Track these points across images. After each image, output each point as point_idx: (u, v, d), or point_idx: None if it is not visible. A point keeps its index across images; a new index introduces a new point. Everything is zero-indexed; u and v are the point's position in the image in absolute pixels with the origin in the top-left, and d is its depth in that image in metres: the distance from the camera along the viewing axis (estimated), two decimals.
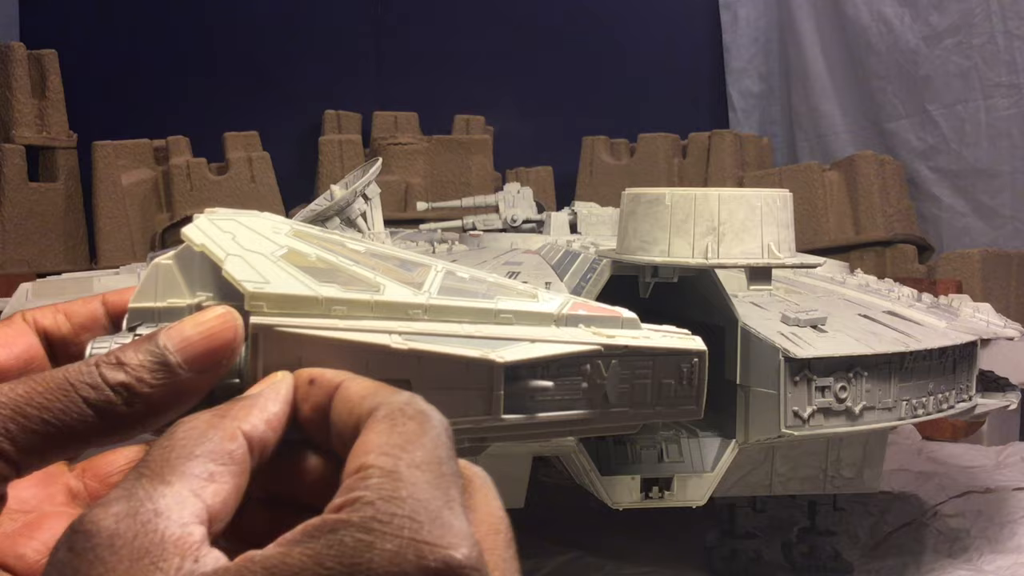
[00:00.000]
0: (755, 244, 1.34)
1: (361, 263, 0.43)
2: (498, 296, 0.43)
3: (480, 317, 0.42)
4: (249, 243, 0.42)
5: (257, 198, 3.51)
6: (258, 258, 0.41)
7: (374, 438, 0.33)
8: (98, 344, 0.39)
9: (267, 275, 0.40)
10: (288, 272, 0.40)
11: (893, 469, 2.35)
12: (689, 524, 1.94)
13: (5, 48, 3.33)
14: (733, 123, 4.01)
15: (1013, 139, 3.40)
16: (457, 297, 0.42)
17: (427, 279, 0.43)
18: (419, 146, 3.67)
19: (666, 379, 0.44)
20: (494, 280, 0.45)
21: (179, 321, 0.38)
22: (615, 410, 0.43)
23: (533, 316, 0.43)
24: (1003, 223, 3.45)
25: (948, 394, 1.58)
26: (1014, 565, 1.85)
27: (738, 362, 1.47)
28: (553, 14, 4.05)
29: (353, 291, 0.40)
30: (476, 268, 0.47)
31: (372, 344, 0.38)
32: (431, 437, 0.33)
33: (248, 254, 0.41)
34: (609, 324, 0.44)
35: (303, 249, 0.42)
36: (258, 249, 0.41)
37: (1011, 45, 3.38)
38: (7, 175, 3.23)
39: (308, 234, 0.44)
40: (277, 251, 0.42)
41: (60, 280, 2.06)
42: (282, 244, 0.42)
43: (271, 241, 0.42)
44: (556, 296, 0.45)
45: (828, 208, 3.50)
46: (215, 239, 0.41)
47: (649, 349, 0.43)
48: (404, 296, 0.41)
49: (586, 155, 3.81)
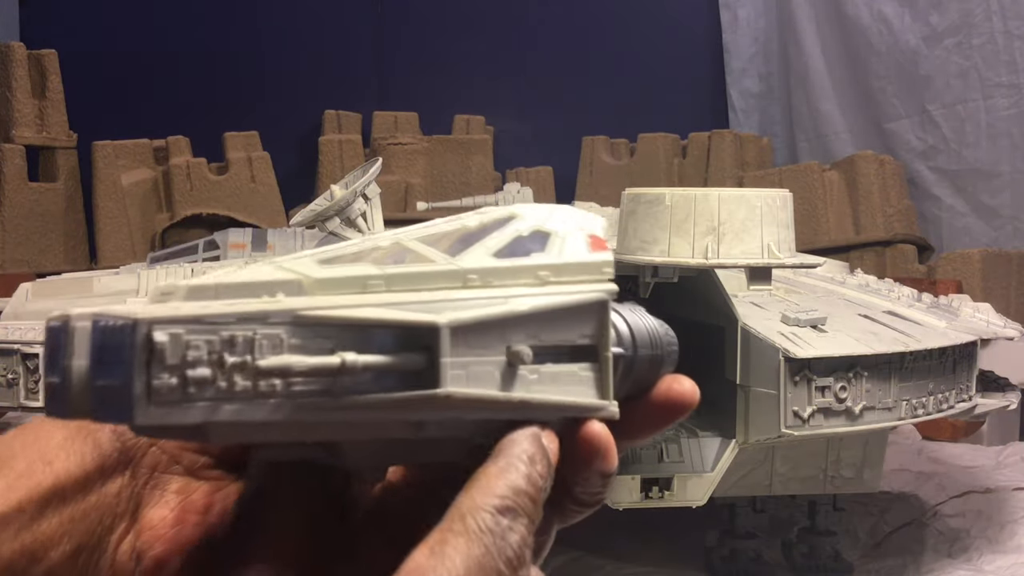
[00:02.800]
0: (755, 244, 1.34)
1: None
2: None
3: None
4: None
5: (257, 198, 3.51)
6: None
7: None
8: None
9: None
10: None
11: (893, 469, 2.35)
12: (689, 524, 1.94)
13: (5, 48, 3.33)
14: (733, 123, 4.01)
15: (1013, 139, 3.40)
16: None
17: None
18: (419, 146, 3.67)
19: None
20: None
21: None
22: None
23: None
24: (1003, 223, 3.45)
25: (948, 394, 1.58)
26: (1014, 565, 1.85)
27: (738, 362, 1.47)
28: (553, 14, 4.05)
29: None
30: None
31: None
32: None
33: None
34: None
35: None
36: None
37: (1011, 45, 3.38)
38: (7, 175, 3.23)
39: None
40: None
41: (60, 280, 2.06)
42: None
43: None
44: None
45: (828, 208, 3.50)
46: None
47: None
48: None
49: (586, 155, 3.81)
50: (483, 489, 0.33)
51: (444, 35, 4.02)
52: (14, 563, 0.36)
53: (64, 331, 0.31)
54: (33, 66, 3.36)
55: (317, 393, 0.31)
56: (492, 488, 0.33)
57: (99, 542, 0.38)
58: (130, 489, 0.39)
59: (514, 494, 0.33)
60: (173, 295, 0.33)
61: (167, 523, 0.38)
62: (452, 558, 0.31)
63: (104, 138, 3.41)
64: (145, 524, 0.38)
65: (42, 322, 1.06)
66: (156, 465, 0.39)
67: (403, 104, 3.81)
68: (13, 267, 3.17)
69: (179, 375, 0.30)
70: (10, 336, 1.69)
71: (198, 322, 0.30)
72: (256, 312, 0.31)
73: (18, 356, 1.65)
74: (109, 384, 0.30)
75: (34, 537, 0.36)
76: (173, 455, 0.39)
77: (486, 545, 0.32)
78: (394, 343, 0.33)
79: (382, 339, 0.32)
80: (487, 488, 0.33)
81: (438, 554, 0.31)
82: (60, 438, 0.38)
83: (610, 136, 3.81)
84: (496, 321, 0.34)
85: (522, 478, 0.34)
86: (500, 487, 0.33)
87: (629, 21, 4.05)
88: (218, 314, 0.30)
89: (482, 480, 0.34)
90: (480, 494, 0.33)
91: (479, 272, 0.36)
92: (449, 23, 4.03)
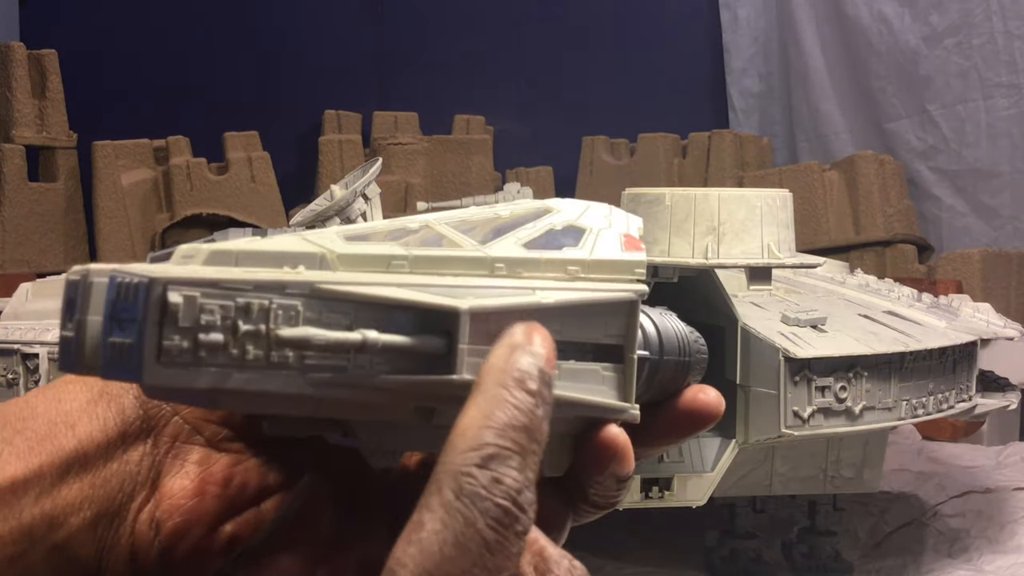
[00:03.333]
0: (755, 244, 1.34)
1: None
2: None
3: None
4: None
5: (257, 198, 3.51)
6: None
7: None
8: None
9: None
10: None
11: (893, 469, 2.35)
12: (689, 524, 1.94)
13: (5, 48, 3.33)
14: (733, 123, 4.01)
15: (1013, 139, 3.40)
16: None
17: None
18: (419, 146, 3.67)
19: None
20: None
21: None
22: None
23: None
24: (1003, 223, 3.45)
25: (948, 394, 1.58)
26: (1014, 565, 1.85)
27: (738, 362, 1.47)
28: (553, 14, 4.05)
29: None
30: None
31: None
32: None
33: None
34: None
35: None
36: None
37: (1011, 45, 3.38)
38: (7, 175, 3.23)
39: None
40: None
41: (60, 280, 2.06)
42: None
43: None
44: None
45: (828, 208, 3.50)
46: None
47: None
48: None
49: (586, 155, 3.81)
50: (457, 444, 0.29)
51: (444, 35, 4.02)
52: (34, 528, 0.35)
53: (82, 285, 0.31)
54: (33, 66, 3.36)
55: (331, 369, 0.31)
56: (468, 438, 0.29)
57: (119, 510, 0.37)
58: (151, 458, 0.38)
59: (496, 436, 0.29)
60: (194, 258, 0.32)
61: (187, 493, 0.38)
62: (429, 544, 0.28)
63: (104, 138, 3.40)
64: (165, 493, 0.38)
65: (42, 322, 1.07)
66: (177, 435, 0.39)
67: (403, 104, 3.81)
68: (13, 267, 3.17)
69: (191, 338, 0.29)
70: (10, 336, 1.69)
71: (214, 286, 0.30)
72: (274, 282, 0.30)
73: (18, 356, 1.65)
74: (121, 341, 0.29)
75: (54, 502, 0.36)
76: (195, 426, 0.39)
77: (464, 515, 0.28)
78: (412, 325, 0.32)
79: (401, 320, 0.32)
80: (462, 440, 0.29)
81: (414, 542, 0.28)
82: (83, 401, 0.38)
83: (610, 136, 3.81)
84: (519, 311, 0.33)
85: (507, 409, 0.29)
86: (477, 434, 0.29)
87: (629, 21, 4.05)
88: (236, 280, 0.30)
89: (457, 431, 0.29)
90: (454, 452, 0.29)
91: (507, 262, 0.35)
92: (449, 23, 4.03)
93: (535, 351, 0.30)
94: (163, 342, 0.29)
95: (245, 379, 0.30)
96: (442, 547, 0.27)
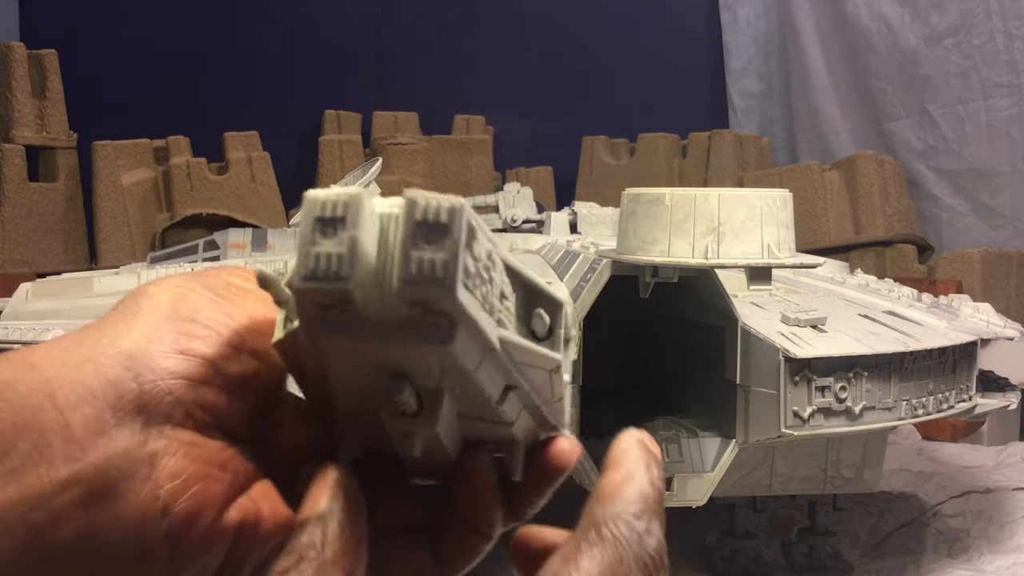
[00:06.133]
0: (755, 244, 1.34)
1: None
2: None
3: None
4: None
5: (257, 198, 3.51)
6: None
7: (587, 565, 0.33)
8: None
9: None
10: None
11: (893, 469, 2.35)
12: (689, 524, 1.94)
13: (5, 48, 3.33)
14: (733, 123, 4.01)
15: (1013, 139, 3.40)
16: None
17: None
18: (419, 146, 3.67)
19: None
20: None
21: None
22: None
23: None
24: (1003, 223, 3.45)
25: (948, 394, 1.58)
26: (1014, 565, 1.85)
27: (738, 362, 1.47)
28: (553, 14, 4.05)
29: None
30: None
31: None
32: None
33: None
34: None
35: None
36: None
37: (1011, 45, 3.38)
38: (7, 175, 3.23)
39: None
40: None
41: (60, 280, 2.06)
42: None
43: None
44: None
45: (828, 208, 3.50)
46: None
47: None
48: None
49: (586, 155, 3.81)
50: (613, 497, 0.34)
51: (444, 35, 4.02)
52: (4, 512, 0.33)
53: (352, 204, 0.31)
54: (33, 66, 3.36)
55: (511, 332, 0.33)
56: (623, 495, 0.34)
57: (112, 489, 0.35)
58: (144, 436, 0.36)
59: (643, 499, 0.34)
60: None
61: (192, 477, 0.36)
62: (587, 567, 0.32)
63: (104, 138, 3.40)
64: (164, 476, 0.36)
65: (42, 322, 1.07)
66: (171, 416, 0.36)
67: (403, 104, 3.81)
68: (13, 267, 3.17)
69: (478, 268, 0.31)
70: (10, 336, 1.69)
71: (481, 231, 0.32)
72: (496, 244, 0.33)
73: None
74: (431, 257, 0.29)
75: (28, 482, 0.34)
76: (188, 410, 0.37)
77: (621, 553, 0.33)
78: (524, 304, 0.35)
79: (524, 298, 0.35)
80: (617, 496, 0.34)
81: (572, 561, 0.32)
82: (60, 366, 0.36)
83: (610, 136, 3.81)
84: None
85: (647, 483, 0.35)
86: (630, 493, 0.34)
87: (629, 21, 4.05)
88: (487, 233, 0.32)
89: (609, 489, 0.35)
90: (611, 503, 0.34)
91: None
92: (449, 23, 4.03)
93: (655, 450, 0.37)
94: (468, 262, 0.30)
95: (484, 319, 0.31)
96: (600, 571, 0.32)
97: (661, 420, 1.64)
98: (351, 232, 0.30)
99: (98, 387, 0.35)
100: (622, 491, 0.34)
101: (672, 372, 1.78)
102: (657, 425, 1.61)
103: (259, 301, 0.40)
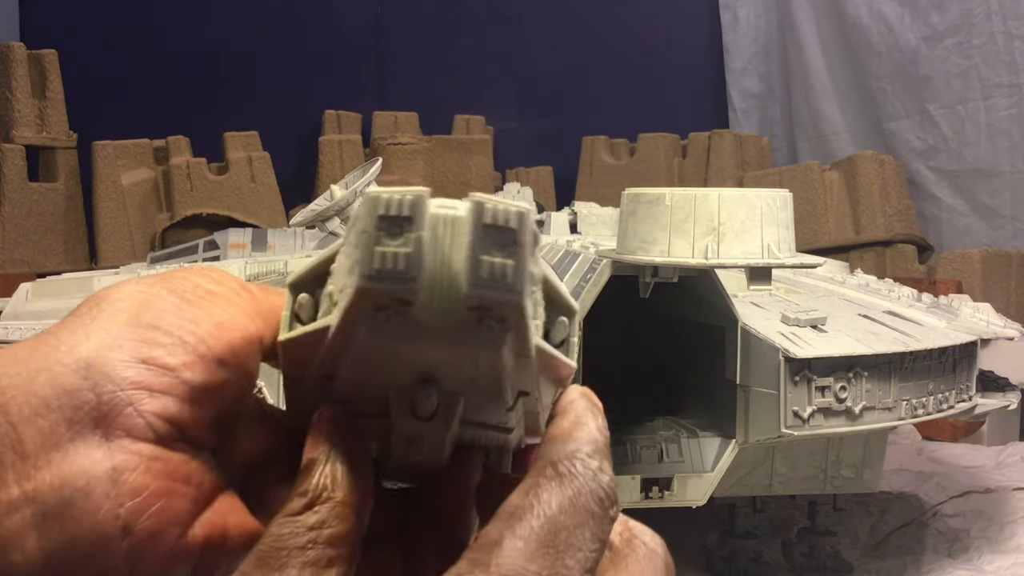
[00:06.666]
0: (755, 244, 1.33)
1: None
2: None
3: None
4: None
5: (257, 198, 3.51)
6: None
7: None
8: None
9: None
10: None
11: (893, 469, 2.35)
12: (689, 524, 1.94)
13: (5, 48, 3.33)
14: (733, 123, 4.01)
15: (1013, 139, 3.40)
16: None
17: None
18: (419, 146, 3.67)
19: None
20: None
21: None
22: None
23: None
24: (1003, 223, 3.45)
25: (948, 394, 1.58)
26: (1014, 565, 1.85)
27: (738, 362, 1.47)
28: (553, 15, 4.05)
29: None
30: None
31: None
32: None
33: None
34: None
35: None
36: None
37: (1011, 45, 3.38)
38: (7, 175, 3.23)
39: None
40: None
41: (60, 280, 2.06)
42: None
43: None
44: None
45: (828, 208, 3.50)
46: None
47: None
48: None
49: (586, 155, 3.81)
50: (566, 439, 0.35)
51: (444, 35, 4.02)
52: None
53: (418, 204, 0.30)
54: (33, 66, 3.36)
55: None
56: (575, 437, 0.36)
57: (67, 508, 0.33)
58: (102, 451, 0.33)
59: (593, 441, 0.36)
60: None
61: (154, 493, 0.34)
62: (547, 499, 0.33)
63: (104, 138, 3.40)
64: (124, 493, 0.33)
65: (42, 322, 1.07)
66: (131, 429, 0.34)
67: (403, 104, 3.81)
68: (13, 267, 3.17)
69: (533, 271, 0.32)
70: (10, 336, 1.69)
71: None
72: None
73: None
74: (501, 262, 0.30)
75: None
76: (149, 422, 0.34)
77: (578, 486, 0.34)
78: (547, 311, 0.36)
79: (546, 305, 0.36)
80: (569, 438, 0.35)
81: (533, 494, 0.33)
82: (12, 374, 0.34)
83: (610, 136, 3.81)
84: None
85: (595, 430, 0.36)
86: (582, 436, 0.36)
87: (629, 21, 4.05)
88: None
89: (561, 432, 0.36)
90: (564, 444, 0.35)
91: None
92: (449, 23, 4.03)
93: (598, 402, 0.39)
94: (532, 269, 0.31)
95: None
96: (560, 504, 0.33)
97: (661, 420, 1.64)
98: (418, 232, 0.30)
99: (53, 398, 0.33)
100: (573, 434, 0.36)
101: (672, 372, 1.78)
102: (657, 425, 1.61)
103: (228, 305, 0.38)
